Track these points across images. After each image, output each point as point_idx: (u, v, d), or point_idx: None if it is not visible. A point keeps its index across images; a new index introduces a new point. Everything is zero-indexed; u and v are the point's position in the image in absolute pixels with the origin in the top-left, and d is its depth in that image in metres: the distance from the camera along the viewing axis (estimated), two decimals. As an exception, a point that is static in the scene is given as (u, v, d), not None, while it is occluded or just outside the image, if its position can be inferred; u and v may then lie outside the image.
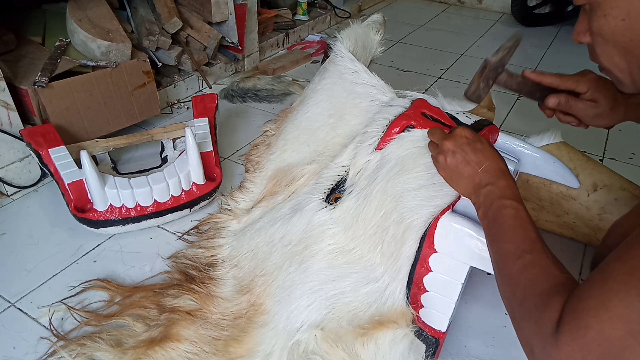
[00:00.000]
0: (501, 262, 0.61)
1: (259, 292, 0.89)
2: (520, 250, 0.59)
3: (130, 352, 0.80)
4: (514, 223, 0.62)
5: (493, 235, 0.64)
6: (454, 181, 0.73)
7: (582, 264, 1.07)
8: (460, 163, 0.71)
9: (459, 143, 0.72)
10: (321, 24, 2.43)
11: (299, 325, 0.80)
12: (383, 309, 0.77)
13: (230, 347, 0.82)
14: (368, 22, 1.25)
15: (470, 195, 0.71)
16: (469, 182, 0.70)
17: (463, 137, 0.72)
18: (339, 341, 0.76)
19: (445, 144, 0.73)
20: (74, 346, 0.82)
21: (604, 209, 0.97)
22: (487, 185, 0.68)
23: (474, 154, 0.70)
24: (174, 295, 0.91)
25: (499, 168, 0.69)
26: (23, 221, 1.14)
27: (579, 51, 2.30)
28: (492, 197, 0.66)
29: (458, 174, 0.72)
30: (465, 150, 0.71)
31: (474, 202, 0.70)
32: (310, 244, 0.86)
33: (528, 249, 0.59)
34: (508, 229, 0.62)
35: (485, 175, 0.68)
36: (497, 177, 0.68)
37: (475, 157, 0.70)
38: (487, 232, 0.66)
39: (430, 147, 0.79)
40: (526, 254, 0.58)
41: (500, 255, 0.62)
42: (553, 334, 0.48)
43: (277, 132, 1.27)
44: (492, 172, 0.68)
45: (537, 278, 0.55)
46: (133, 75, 1.38)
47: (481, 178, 0.69)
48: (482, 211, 0.68)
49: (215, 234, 1.07)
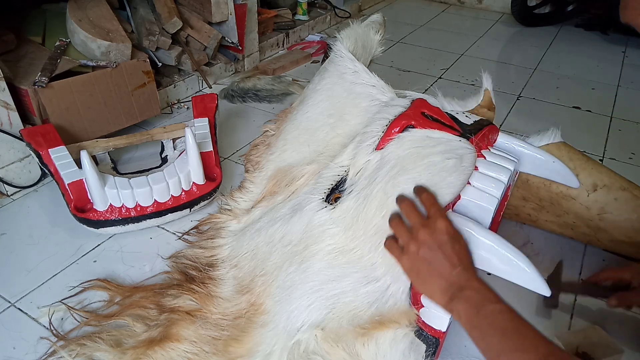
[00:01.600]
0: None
1: (259, 292, 0.89)
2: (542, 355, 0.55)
3: (130, 352, 0.80)
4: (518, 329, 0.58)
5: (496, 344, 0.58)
6: (420, 277, 0.66)
7: (582, 264, 1.07)
8: (434, 260, 0.64)
9: (438, 239, 0.65)
10: (321, 24, 2.43)
11: (299, 325, 0.80)
12: (384, 308, 0.77)
13: (230, 347, 0.82)
14: (368, 22, 1.25)
15: (441, 298, 0.64)
16: (442, 285, 0.64)
17: (444, 232, 0.65)
18: (340, 341, 0.76)
19: (422, 234, 0.66)
20: (73, 346, 0.82)
21: (604, 209, 0.97)
22: (464, 290, 0.62)
23: (451, 254, 0.64)
24: (173, 296, 0.91)
25: (473, 269, 0.65)
26: (23, 221, 1.14)
27: (579, 51, 2.30)
28: (476, 304, 0.61)
29: (428, 271, 0.65)
30: (443, 249, 0.64)
31: (450, 309, 0.63)
32: (310, 244, 0.86)
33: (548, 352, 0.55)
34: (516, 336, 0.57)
35: (458, 279, 0.63)
36: (473, 279, 0.63)
37: (452, 258, 0.64)
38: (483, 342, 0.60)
39: (395, 226, 0.70)
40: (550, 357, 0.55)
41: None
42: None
43: (277, 132, 1.27)
44: (466, 275, 0.63)
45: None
46: (133, 75, 1.38)
47: (454, 281, 0.63)
48: (466, 319, 0.61)
49: (215, 234, 1.07)
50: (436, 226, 0.66)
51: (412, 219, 0.69)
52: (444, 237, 0.65)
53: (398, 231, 0.70)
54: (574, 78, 2.02)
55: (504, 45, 2.41)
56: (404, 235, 0.69)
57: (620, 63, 2.18)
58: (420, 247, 0.66)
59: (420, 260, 0.66)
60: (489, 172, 0.82)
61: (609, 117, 1.70)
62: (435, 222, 0.66)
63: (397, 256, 0.70)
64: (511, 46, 2.41)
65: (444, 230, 0.66)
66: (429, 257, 0.65)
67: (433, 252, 0.65)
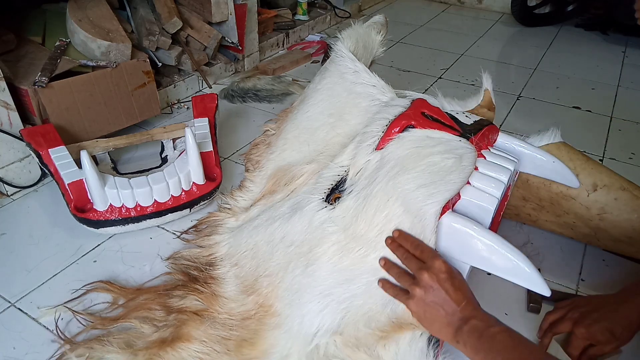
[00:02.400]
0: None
1: (266, 293, 0.88)
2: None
3: (142, 352, 0.80)
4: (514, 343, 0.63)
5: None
6: (427, 319, 0.71)
7: (582, 264, 1.07)
8: (441, 301, 0.69)
9: (440, 279, 0.69)
10: (321, 24, 2.43)
11: (314, 330, 0.80)
12: (398, 309, 0.77)
13: (244, 349, 0.81)
14: (370, 23, 1.25)
15: (448, 334, 0.69)
16: (450, 323, 0.68)
17: (443, 272, 0.70)
18: (361, 345, 0.77)
19: (425, 278, 0.70)
20: (82, 350, 0.81)
21: (604, 209, 0.97)
22: (470, 320, 0.67)
23: (453, 292, 0.69)
24: (180, 297, 0.90)
25: (474, 301, 0.69)
26: (23, 221, 1.14)
27: (579, 51, 2.30)
28: (479, 330, 0.65)
29: (436, 314, 0.69)
30: (445, 288, 0.69)
31: (456, 341, 0.68)
32: (313, 246, 0.86)
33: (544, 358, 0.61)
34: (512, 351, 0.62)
35: (463, 314, 0.68)
36: (475, 309, 0.68)
37: (455, 295, 0.68)
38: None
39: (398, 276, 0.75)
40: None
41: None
42: None
43: (278, 132, 1.27)
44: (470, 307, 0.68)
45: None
46: (133, 75, 1.38)
47: (460, 316, 0.68)
48: (470, 347, 0.66)
49: (212, 231, 1.07)
50: (434, 267, 0.70)
51: (412, 264, 0.73)
52: (444, 275, 0.70)
53: (401, 278, 0.75)
54: (574, 78, 2.02)
55: (504, 45, 2.41)
56: (408, 281, 0.73)
57: (620, 63, 2.18)
58: (426, 291, 0.70)
59: (428, 304, 0.70)
60: (489, 172, 0.82)
61: (609, 117, 1.70)
62: (434, 264, 0.71)
63: (404, 301, 0.74)
64: (511, 46, 2.41)
65: (443, 270, 0.70)
66: (436, 300, 0.69)
67: (437, 293, 0.69)
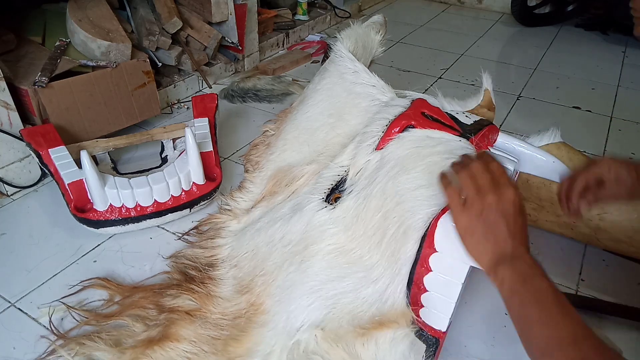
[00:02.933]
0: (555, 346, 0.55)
1: (259, 291, 0.88)
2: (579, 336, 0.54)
3: (129, 351, 0.80)
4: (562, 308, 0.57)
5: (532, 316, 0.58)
6: (474, 237, 0.65)
7: (582, 264, 1.07)
8: (495, 225, 0.63)
9: (505, 206, 0.63)
10: (321, 24, 2.43)
11: (299, 325, 0.80)
12: (384, 308, 0.77)
13: (230, 347, 0.82)
14: (369, 23, 1.25)
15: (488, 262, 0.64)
16: (495, 249, 0.63)
17: (512, 202, 0.63)
18: (340, 341, 0.76)
19: (491, 196, 0.64)
20: (73, 345, 0.82)
21: (604, 209, 0.97)
22: (516, 260, 0.61)
23: (513, 224, 0.63)
24: (172, 296, 0.91)
25: (528, 246, 0.63)
26: (23, 221, 1.14)
27: (579, 51, 2.30)
28: (525, 274, 0.60)
29: (485, 234, 0.63)
30: (506, 216, 0.63)
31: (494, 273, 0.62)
32: (310, 244, 0.86)
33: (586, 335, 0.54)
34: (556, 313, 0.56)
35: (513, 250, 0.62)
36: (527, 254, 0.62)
37: (513, 227, 0.63)
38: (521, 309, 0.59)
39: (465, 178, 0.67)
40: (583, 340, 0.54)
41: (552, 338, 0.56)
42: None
43: (277, 132, 1.27)
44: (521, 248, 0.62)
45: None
46: (133, 75, 1.38)
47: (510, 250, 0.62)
48: (508, 287, 0.60)
49: (215, 234, 1.07)
50: (506, 195, 0.64)
51: (483, 179, 0.65)
52: (511, 207, 0.63)
53: (466, 184, 0.66)
54: (574, 78, 2.02)
55: (504, 45, 2.41)
56: (472, 190, 0.65)
57: (620, 63, 2.18)
58: (484, 209, 0.63)
59: (481, 222, 0.64)
60: (489, 172, 0.82)
61: (609, 117, 1.70)
62: (506, 191, 0.64)
63: (456, 209, 0.67)
64: (511, 46, 2.41)
65: (513, 201, 0.64)
66: (490, 221, 0.63)
67: (496, 218, 0.63)
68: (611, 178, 0.75)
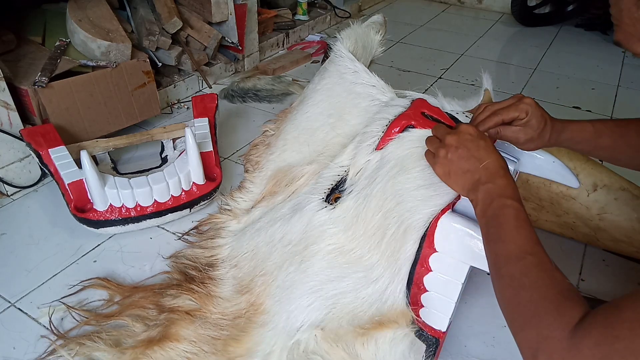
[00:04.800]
0: (501, 262, 0.60)
1: (259, 292, 0.88)
2: (522, 252, 0.58)
3: (129, 351, 0.80)
4: (516, 223, 0.61)
5: (492, 234, 0.63)
6: (452, 177, 0.72)
7: (582, 264, 1.07)
8: (461, 158, 0.70)
9: (462, 139, 0.71)
10: (321, 24, 2.43)
11: (299, 325, 0.80)
12: (383, 308, 0.77)
13: (230, 347, 0.82)
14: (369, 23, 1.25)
15: (468, 192, 0.70)
16: (468, 178, 0.69)
17: (467, 133, 0.71)
18: (339, 341, 0.76)
19: (448, 138, 0.72)
20: (73, 345, 0.82)
21: (604, 208, 0.97)
22: (487, 183, 0.66)
23: (476, 151, 0.69)
24: (172, 296, 0.91)
25: (500, 166, 0.68)
26: (23, 221, 1.14)
27: (579, 51, 2.30)
28: (492, 195, 0.65)
29: (457, 169, 0.70)
30: (468, 147, 0.70)
31: (472, 199, 0.69)
32: (310, 244, 0.86)
33: (530, 251, 0.58)
34: (509, 229, 0.61)
35: (485, 173, 0.67)
36: (498, 175, 0.67)
37: (477, 154, 0.69)
38: (485, 230, 0.65)
39: (428, 141, 0.77)
40: (529, 256, 0.57)
41: (500, 255, 0.61)
42: (570, 338, 0.47)
43: (277, 132, 1.26)
44: (492, 170, 0.67)
45: (543, 281, 0.54)
46: (133, 75, 1.38)
47: (481, 175, 0.68)
48: (480, 209, 0.66)
49: (215, 234, 1.07)
50: (460, 130, 0.72)
51: (441, 132, 0.75)
52: (468, 136, 0.71)
53: (430, 143, 0.76)
54: (574, 78, 2.02)
55: (504, 45, 2.41)
56: (434, 144, 0.75)
57: (620, 63, 2.18)
58: (448, 150, 0.71)
59: (449, 161, 0.71)
60: (489, 172, 0.82)
61: (609, 117, 1.70)
62: (459, 128, 0.72)
63: (431, 164, 0.75)
64: (511, 46, 2.41)
65: (468, 132, 0.71)
66: (456, 157, 0.70)
67: (460, 153, 0.70)
68: (522, 124, 0.78)
